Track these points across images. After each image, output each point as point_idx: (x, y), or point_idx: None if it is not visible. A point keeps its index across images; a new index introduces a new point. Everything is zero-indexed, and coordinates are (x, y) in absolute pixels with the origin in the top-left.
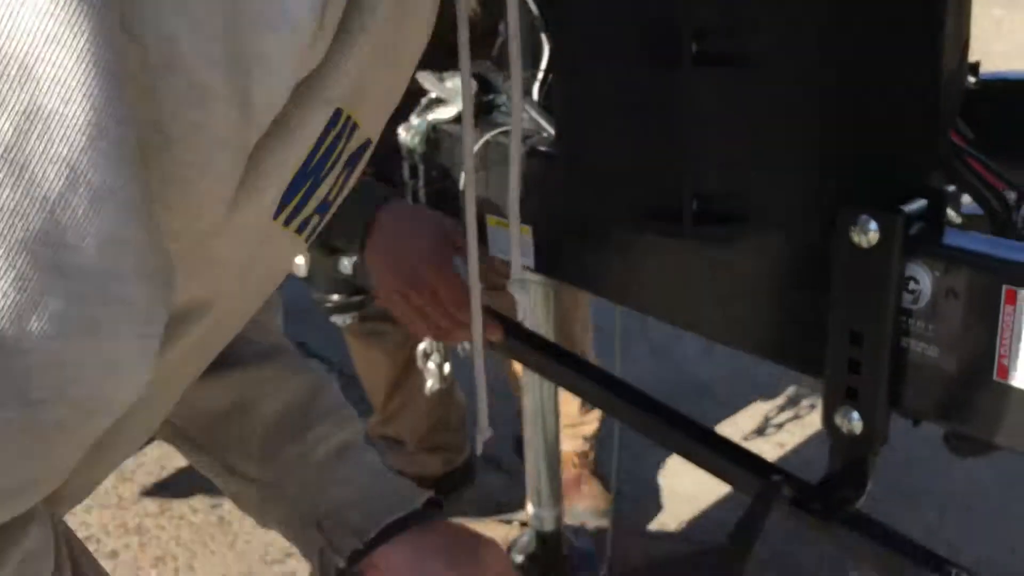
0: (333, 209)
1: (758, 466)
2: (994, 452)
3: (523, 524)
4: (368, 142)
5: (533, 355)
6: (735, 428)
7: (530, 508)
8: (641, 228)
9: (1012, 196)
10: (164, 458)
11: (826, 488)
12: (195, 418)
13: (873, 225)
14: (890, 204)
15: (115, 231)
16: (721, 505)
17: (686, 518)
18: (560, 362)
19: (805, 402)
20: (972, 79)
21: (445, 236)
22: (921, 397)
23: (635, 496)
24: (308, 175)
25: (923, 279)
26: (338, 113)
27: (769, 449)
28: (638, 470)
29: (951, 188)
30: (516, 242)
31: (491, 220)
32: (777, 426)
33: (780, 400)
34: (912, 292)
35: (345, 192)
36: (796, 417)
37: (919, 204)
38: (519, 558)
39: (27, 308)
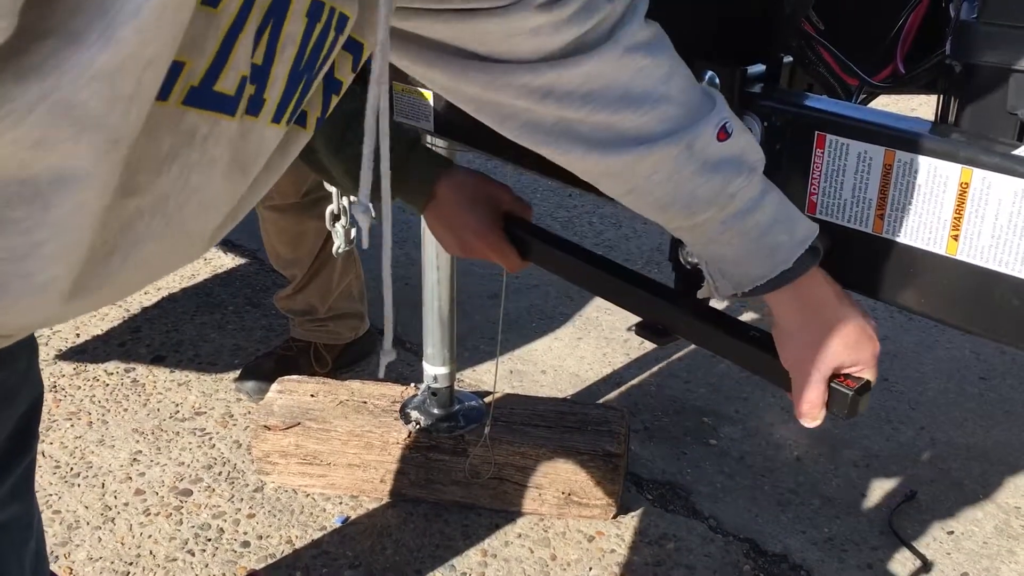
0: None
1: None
2: None
3: (417, 386)
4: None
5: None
6: None
7: (427, 368)
8: None
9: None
10: (80, 326)
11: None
12: None
13: (717, 80)
14: (736, 66)
15: None
16: (603, 381)
17: (570, 391)
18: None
19: None
20: None
21: (495, 210)
22: None
23: (523, 372)
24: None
25: (755, 128)
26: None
27: None
28: (527, 354)
29: (788, 59)
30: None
31: (396, 87)
32: None
33: None
34: None
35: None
36: None
37: (758, 68)
38: (414, 414)
39: None
